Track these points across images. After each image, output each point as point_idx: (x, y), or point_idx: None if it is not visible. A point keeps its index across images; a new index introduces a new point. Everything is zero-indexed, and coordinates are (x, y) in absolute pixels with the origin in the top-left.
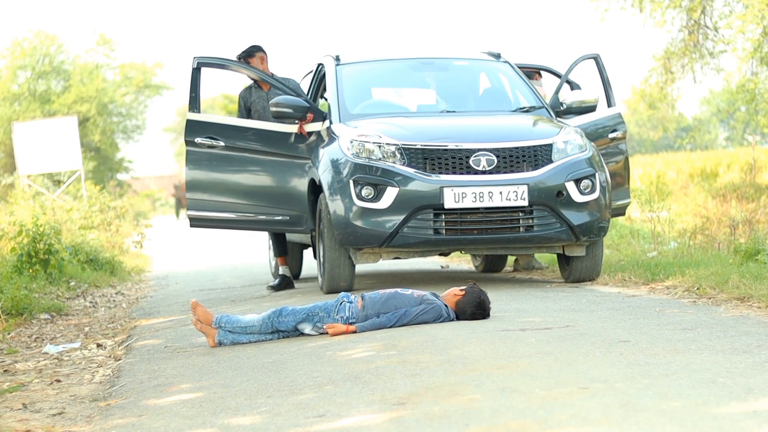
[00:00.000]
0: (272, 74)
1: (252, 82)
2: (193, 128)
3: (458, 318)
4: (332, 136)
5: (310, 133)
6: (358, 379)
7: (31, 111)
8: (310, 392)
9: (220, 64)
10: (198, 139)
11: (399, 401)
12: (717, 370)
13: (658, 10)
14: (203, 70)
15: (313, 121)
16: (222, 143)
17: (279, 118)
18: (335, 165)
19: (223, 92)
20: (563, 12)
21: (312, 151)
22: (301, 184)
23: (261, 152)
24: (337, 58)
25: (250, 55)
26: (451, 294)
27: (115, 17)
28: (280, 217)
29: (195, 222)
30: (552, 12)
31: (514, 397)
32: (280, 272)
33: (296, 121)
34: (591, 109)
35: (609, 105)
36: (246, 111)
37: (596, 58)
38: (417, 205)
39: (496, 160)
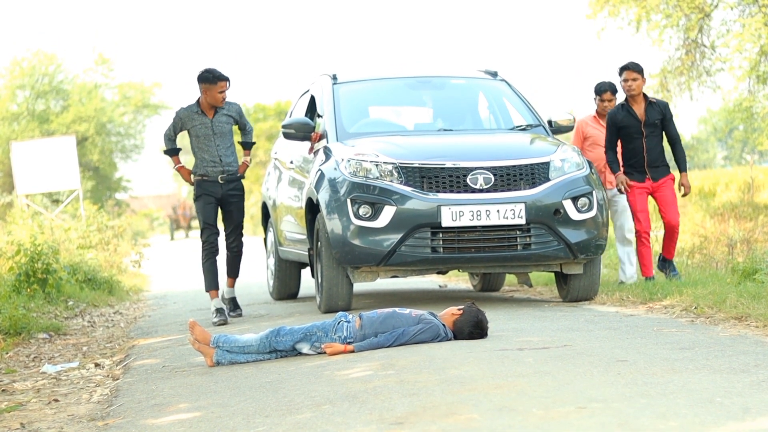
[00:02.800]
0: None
1: (195, 105)
2: None
3: (456, 337)
4: (329, 155)
5: (317, 152)
6: (356, 399)
7: (30, 130)
8: (308, 412)
9: None
10: None
11: (397, 421)
12: (714, 390)
13: (655, 29)
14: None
15: (320, 140)
16: None
17: (288, 138)
18: (332, 184)
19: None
20: (560, 29)
21: (310, 170)
22: None
23: None
24: (334, 77)
25: (209, 81)
26: (449, 313)
27: (113, 37)
28: None
29: None
30: (549, 29)
31: (512, 417)
32: (218, 306)
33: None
34: (570, 128)
35: None
36: (176, 132)
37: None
38: (414, 223)
39: (493, 179)
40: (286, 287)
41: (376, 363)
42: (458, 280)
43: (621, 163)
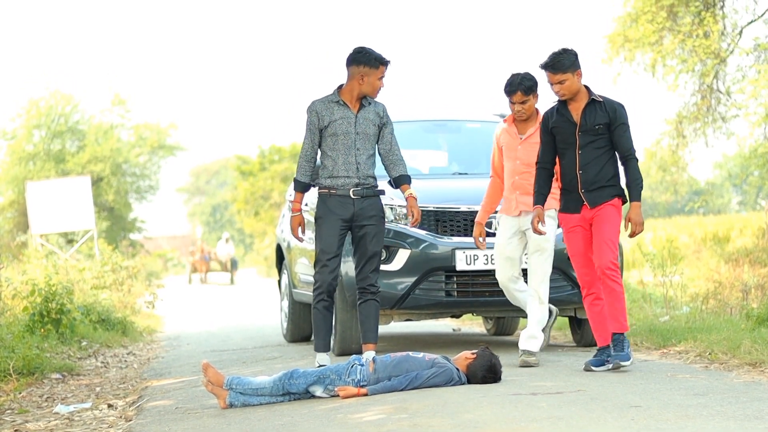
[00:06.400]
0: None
1: (334, 95)
2: None
3: (469, 381)
4: None
5: None
6: None
7: (46, 171)
8: None
9: None
10: None
11: None
12: None
13: (670, 74)
14: None
15: None
16: None
17: None
18: None
19: (236, 153)
20: None
21: None
22: None
23: None
24: None
25: (370, 64)
26: (463, 357)
27: (130, 78)
28: None
29: None
30: None
31: None
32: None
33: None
34: None
35: None
36: (318, 131)
37: None
38: (429, 267)
39: None
40: (299, 330)
41: (390, 406)
42: (472, 324)
43: (559, 187)
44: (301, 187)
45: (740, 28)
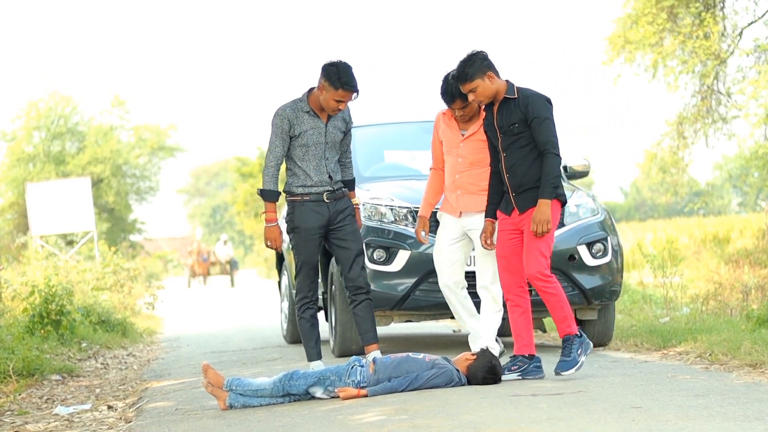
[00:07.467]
0: None
1: (304, 102)
2: None
3: (469, 382)
4: None
5: None
6: None
7: (46, 172)
8: None
9: None
10: None
11: None
12: None
13: (670, 75)
14: None
15: None
16: None
17: None
18: None
19: (235, 155)
20: (576, 74)
21: None
22: None
23: None
24: None
25: (332, 82)
26: (463, 358)
27: (129, 79)
28: None
29: None
30: (565, 74)
31: None
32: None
33: None
34: (585, 173)
35: None
36: (288, 137)
37: None
38: (429, 268)
39: None
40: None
41: (390, 408)
42: None
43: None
44: (274, 197)
45: (740, 29)
